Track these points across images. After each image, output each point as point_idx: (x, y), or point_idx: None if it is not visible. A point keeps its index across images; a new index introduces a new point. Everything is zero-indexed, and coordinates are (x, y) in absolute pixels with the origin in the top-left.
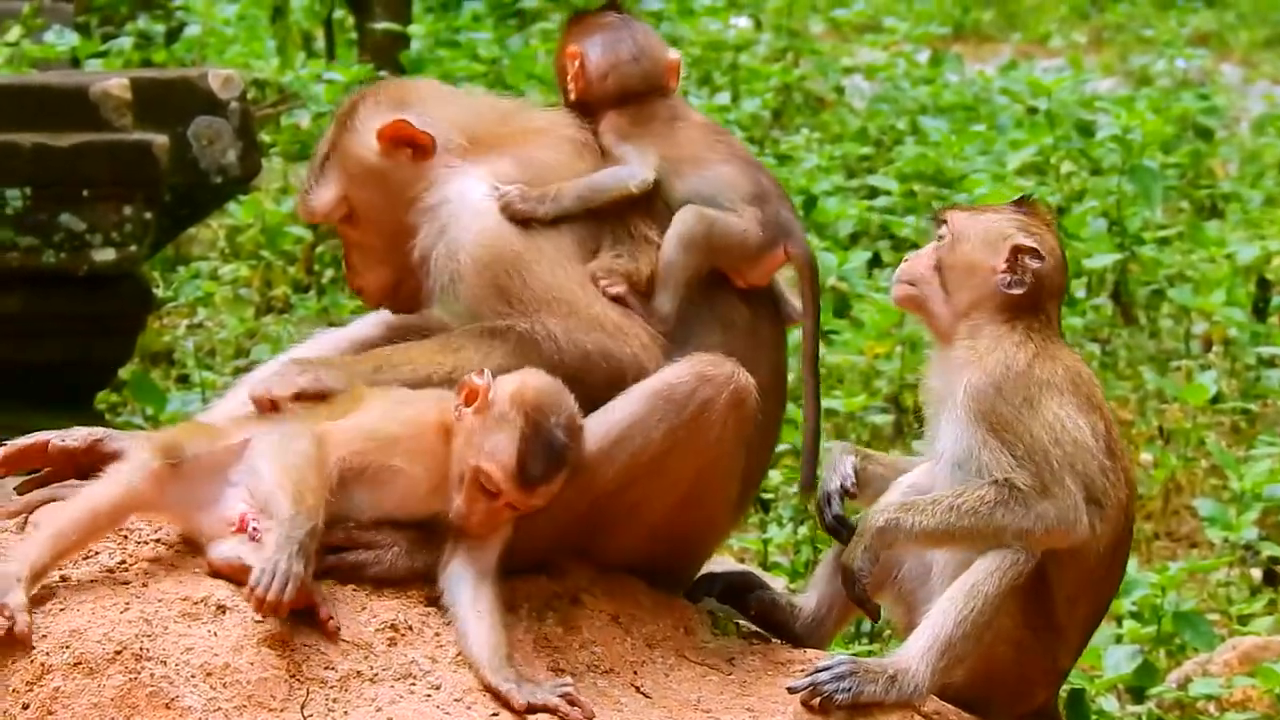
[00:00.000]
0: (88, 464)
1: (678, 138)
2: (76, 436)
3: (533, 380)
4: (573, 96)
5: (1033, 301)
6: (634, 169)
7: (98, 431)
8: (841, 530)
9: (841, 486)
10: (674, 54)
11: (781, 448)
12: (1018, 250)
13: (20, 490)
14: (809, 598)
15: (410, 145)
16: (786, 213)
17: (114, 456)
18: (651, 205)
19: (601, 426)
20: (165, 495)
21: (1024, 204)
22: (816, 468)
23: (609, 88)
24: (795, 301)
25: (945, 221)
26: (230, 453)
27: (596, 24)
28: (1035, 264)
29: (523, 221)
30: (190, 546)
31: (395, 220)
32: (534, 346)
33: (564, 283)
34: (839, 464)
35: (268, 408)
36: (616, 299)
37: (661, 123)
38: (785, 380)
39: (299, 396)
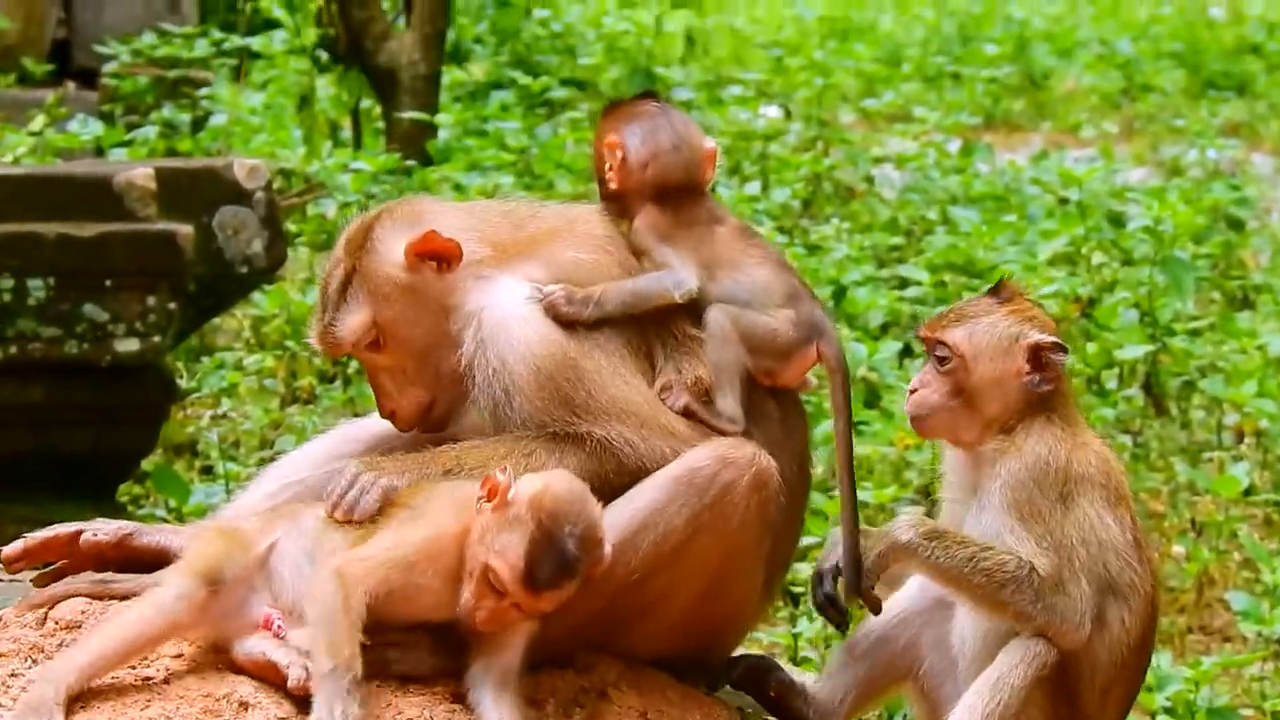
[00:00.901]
0: (115, 559)
1: (714, 241)
2: (106, 531)
3: (555, 485)
4: (612, 187)
5: (1058, 389)
6: (679, 276)
7: (127, 526)
8: (830, 610)
9: (836, 565)
10: (711, 143)
11: (809, 541)
12: (1038, 349)
13: (37, 583)
14: (823, 686)
15: (438, 257)
16: (819, 313)
17: (144, 552)
18: (692, 307)
19: (623, 515)
20: (204, 618)
21: (1001, 292)
22: (860, 574)
23: (648, 178)
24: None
25: (941, 343)
26: (259, 560)
27: (634, 113)
28: (1060, 357)
29: (567, 325)
30: (212, 643)
31: (429, 337)
32: (611, 453)
33: (629, 394)
34: (838, 544)
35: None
36: (685, 412)
37: (701, 226)
38: (810, 469)
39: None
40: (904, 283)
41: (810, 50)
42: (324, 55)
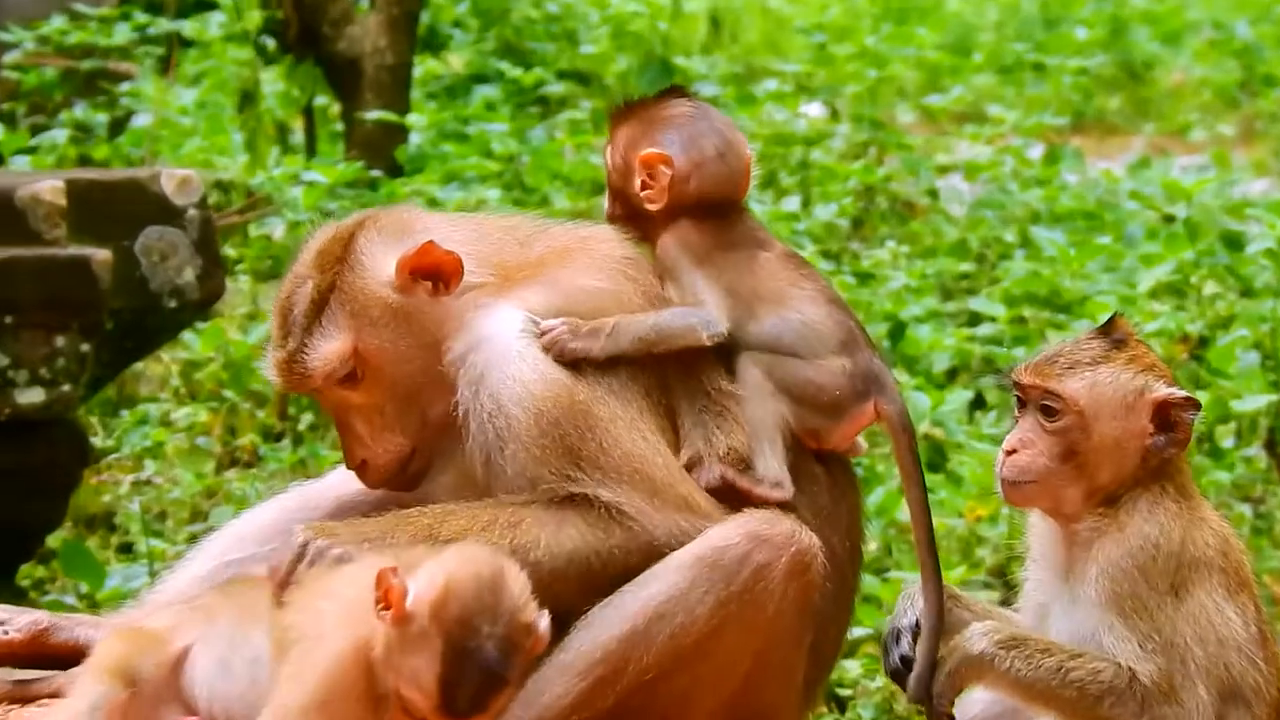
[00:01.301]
0: (26, 657)
1: (758, 270)
2: (18, 625)
3: (458, 581)
4: (653, 208)
5: (1178, 453)
6: (708, 315)
7: (41, 619)
8: (906, 675)
9: (915, 622)
10: (749, 149)
11: (860, 632)
12: (1166, 405)
13: None
14: None
15: (435, 276)
16: (878, 363)
17: (59, 650)
18: (723, 353)
19: (635, 603)
20: None
21: (1113, 332)
22: (933, 676)
23: (688, 193)
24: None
25: (1053, 394)
26: (172, 662)
27: (668, 117)
28: (1191, 415)
29: (573, 364)
30: None
31: (416, 373)
32: (620, 523)
33: (645, 452)
34: (918, 599)
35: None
36: (720, 484)
37: (743, 250)
38: (862, 546)
39: None
40: (975, 319)
41: (861, 36)
42: (270, 43)
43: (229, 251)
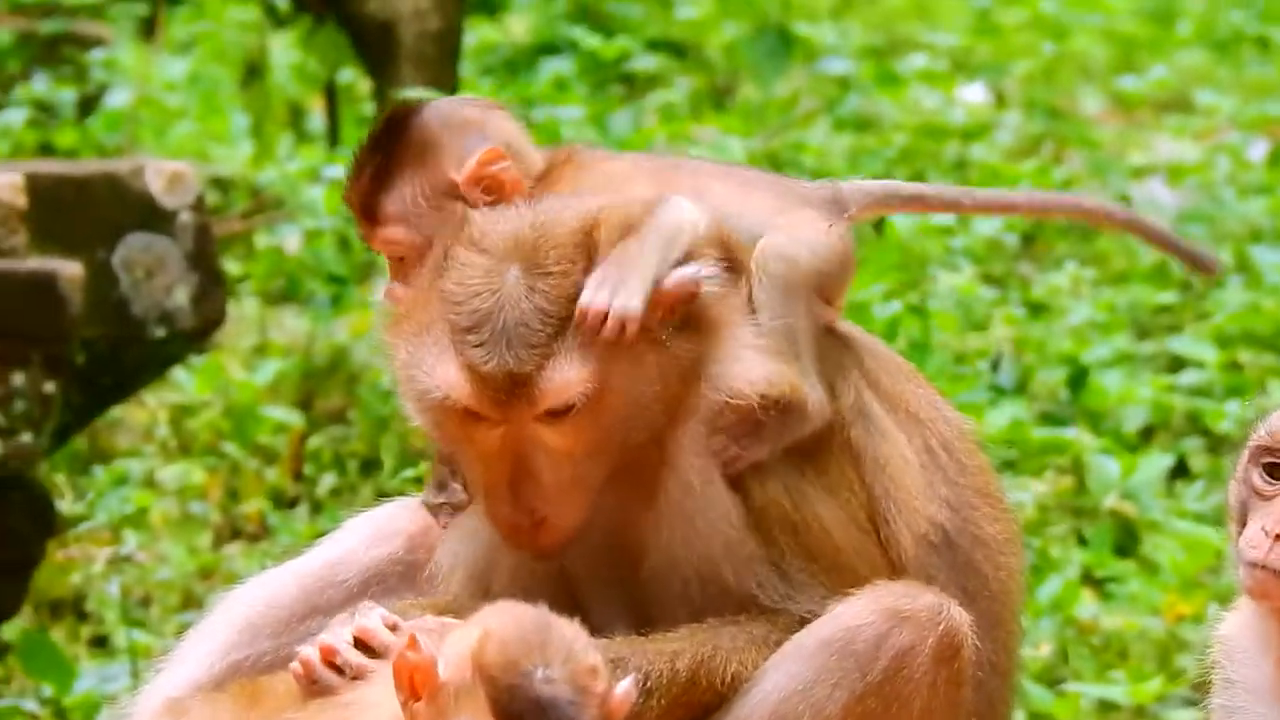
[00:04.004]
0: None
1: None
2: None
3: (496, 625)
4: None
5: None
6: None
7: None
8: None
9: None
10: None
11: None
12: None
13: None
14: None
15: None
16: (828, 185)
17: None
18: None
19: (748, 703)
20: None
21: None
22: None
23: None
24: None
25: None
26: None
27: (434, 131)
28: None
29: None
30: None
31: (638, 421)
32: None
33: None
34: None
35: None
36: None
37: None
38: (1018, 627)
39: None
40: (1178, 363)
41: (1035, 0)
42: (282, 0)
43: (231, 267)
